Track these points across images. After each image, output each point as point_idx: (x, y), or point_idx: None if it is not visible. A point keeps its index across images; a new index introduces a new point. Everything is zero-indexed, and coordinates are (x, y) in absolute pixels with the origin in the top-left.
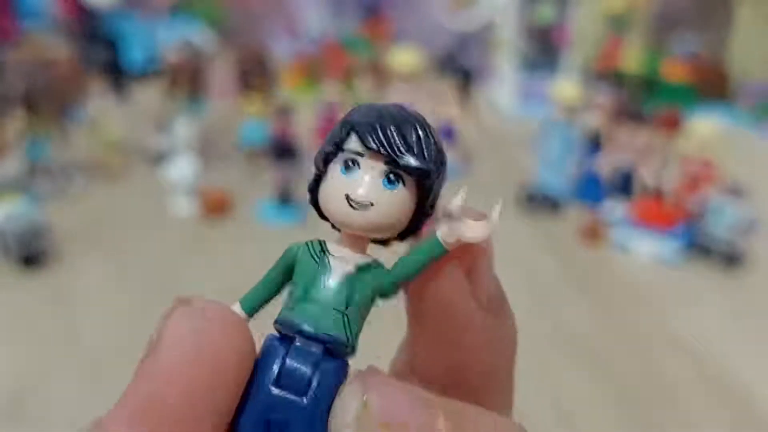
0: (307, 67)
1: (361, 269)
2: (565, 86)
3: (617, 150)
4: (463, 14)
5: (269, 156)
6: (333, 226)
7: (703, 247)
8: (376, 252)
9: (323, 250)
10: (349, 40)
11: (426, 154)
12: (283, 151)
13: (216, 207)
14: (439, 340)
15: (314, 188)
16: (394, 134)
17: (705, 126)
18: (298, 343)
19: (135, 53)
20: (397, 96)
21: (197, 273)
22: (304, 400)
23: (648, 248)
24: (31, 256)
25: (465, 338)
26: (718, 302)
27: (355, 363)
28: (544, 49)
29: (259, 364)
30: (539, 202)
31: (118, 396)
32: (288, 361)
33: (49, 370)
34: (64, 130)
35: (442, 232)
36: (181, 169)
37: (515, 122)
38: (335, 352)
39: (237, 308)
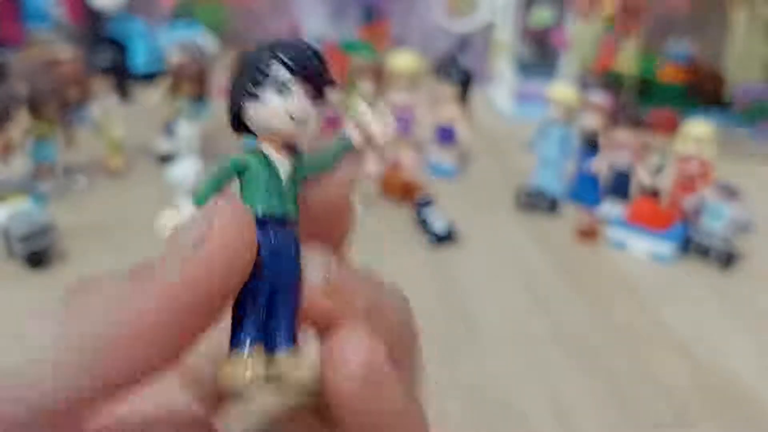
0: None
1: (294, 165)
2: (563, 87)
3: (614, 151)
4: (462, 17)
5: None
6: (238, 128)
7: (698, 246)
8: None
9: (266, 157)
10: (349, 43)
11: (331, 71)
12: None
13: None
14: (320, 222)
15: (240, 106)
16: (312, 60)
17: (700, 127)
18: (274, 226)
19: (139, 55)
20: (397, 98)
21: None
22: (292, 265)
23: (644, 247)
24: (36, 255)
25: (341, 221)
26: (713, 301)
27: None
28: (541, 51)
29: None
30: (536, 202)
31: None
32: (275, 240)
33: None
34: (68, 131)
35: (352, 132)
36: (184, 170)
37: (513, 124)
38: (290, 226)
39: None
